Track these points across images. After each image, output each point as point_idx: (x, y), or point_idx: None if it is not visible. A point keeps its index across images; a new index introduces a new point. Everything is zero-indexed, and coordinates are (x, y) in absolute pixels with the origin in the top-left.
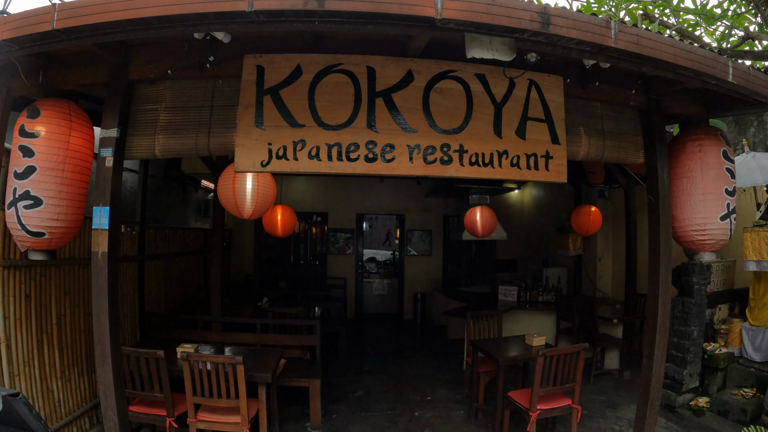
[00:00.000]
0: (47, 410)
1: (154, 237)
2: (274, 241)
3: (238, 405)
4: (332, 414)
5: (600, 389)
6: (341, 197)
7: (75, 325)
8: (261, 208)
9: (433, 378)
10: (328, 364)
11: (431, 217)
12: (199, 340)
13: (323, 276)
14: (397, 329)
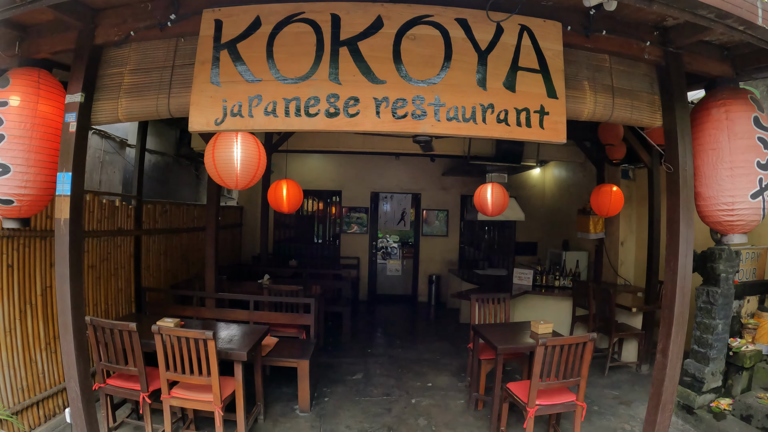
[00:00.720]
0: (29, 380)
1: (153, 212)
2: (287, 219)
3: (211, 383)
4: (324, 397)
5: (614, 383)
6: (355, 175)
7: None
8: (245, 177)
9: (437, 364)
10: (331, 345)
11: (448, 197)
12: (192, 316)
13: (336, 256)
14: (409, 311)
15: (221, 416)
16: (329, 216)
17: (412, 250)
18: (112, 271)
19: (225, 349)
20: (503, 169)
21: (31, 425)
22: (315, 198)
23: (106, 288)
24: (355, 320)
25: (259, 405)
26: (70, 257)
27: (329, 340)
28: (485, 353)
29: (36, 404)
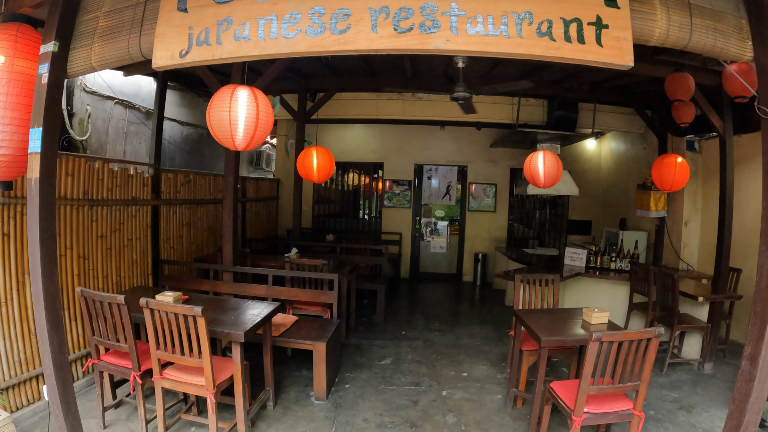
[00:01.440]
0: (28, 353)
1: (174, 181)
2: (328, 193)
3: (202, 365)
4: (346, 383)
5: (673, 383)
6: (398, 146)
7: (64, 268)
8: (244, 137)
9: (476, 350)
10: (364, 325)
11: (496, 170)
12: (208, 291)
13: (378, 231)
14: (452, 291)
15: (214, 403)
16: (371, 189)
17: (458, 226)
18: (125, 242)
19: (220, 329)
20: (556, 139)
21: (30, 399)
22: (356, 171)
23: (118, 259)
24: (394, 299)
25: (268, 390)
26: (40, 220)
27: (362, 319)
28: (528, 343)
29: (36, 378)
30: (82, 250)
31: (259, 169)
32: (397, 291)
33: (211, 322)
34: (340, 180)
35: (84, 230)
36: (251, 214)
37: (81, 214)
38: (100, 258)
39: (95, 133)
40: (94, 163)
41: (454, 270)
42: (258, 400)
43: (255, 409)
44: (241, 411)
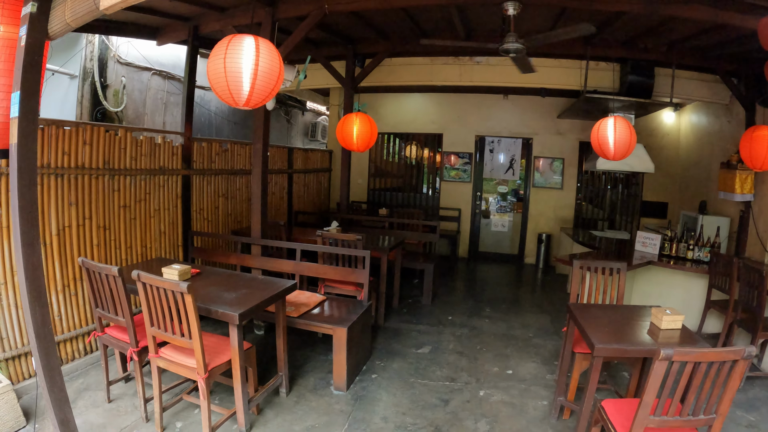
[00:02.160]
0: None
1: (208, 150)
2: (385, 166)
3: (192, 346)
4: (373, 373)
5: (750, 402)
6: (458, 117)
7: (83, 238)
8: (260, 92)
9: (527, 344)
10: (408, 307)
11: (564, 143)
12: (235, 264)
13: (436, 206)
14: (510, 274)
15: (205, 389)
16: (429, 163)
17: (521, 204)
18: (151, 212)
19: (216, 307)
20: (629, 108)
21: None
22: (414, 142)
23: (143, 230)
24: (447, 279)
25: (280, 376)
26: (19, 186)
27: (408, 301)
28: (582, 345)
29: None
30: (102, 221)
31: (315, 141)
32: (452, 271)
33: (212, 300)
34: (397, 152)
35: (105, 200)
36: (299, 186)
37: (101, 183)
38: (123, 228)
39: (132, 104)
40: (116, 132)
41: (515, 251)
42: (266, 387)
43: (262, 396)
44: (240, 398)
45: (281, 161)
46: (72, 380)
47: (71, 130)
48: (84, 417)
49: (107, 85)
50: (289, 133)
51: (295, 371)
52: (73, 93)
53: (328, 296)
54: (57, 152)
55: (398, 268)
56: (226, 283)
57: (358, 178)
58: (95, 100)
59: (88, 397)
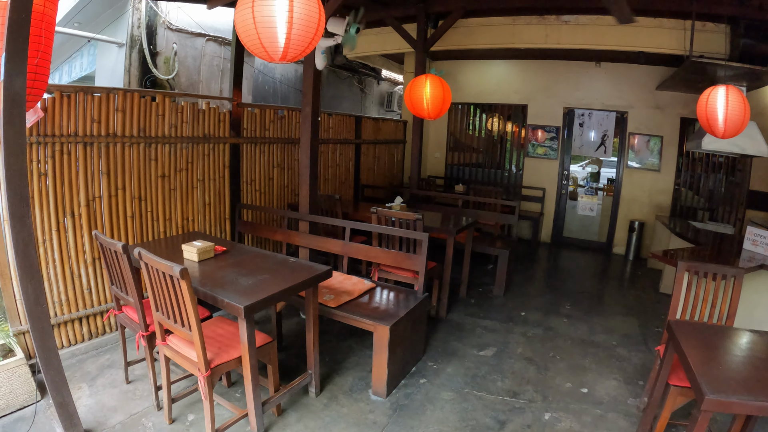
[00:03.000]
0: (69, 294)
1: (260, 118)
2: (465, 139)
3: (192, 339)
4: (423, 377)
5: None
6: (544, 86)
7: (115, 210)
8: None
9: (609, 354)
10: (476, 297)
11: (663, 119)
12: (281, 241)
13: (518, 184)
14: (597, 264)
15: (205, 388)
16: (512, 136)
17: (612, 186)
18: (194, 182)
19: (223, 295)
20: (740, 78)
21: (71, 340)
22: (496, 114)
23: (184, 202)
24: (524, 266)
25: (309, 374)
26: (5, 155)
27: (477, 290)
28: (680, 375)
29: (80, 320)
30: (137, 191)
31: (391, 112)
32: (532, 257)
33: (225, 285)
34: (478, 125)
35: (141, 170)
36: (368, 157)
37: (135, 152)
38: (161, 200)
39: (184, 71)
40: (153, 98)
41: (603, 238)
42: (289, 387)
43: (283, 396)
44: (252, 401)
45: (348, 131)
46: (99, 355)
47: (101, 96)
48: (98, 397)
49: (157, 52)
50: (363, 103)
51: (334, 366)
52: (121, 62)
53: (379, 284)
54: (85, 120)
55: (468, 253)
56: (251, 264)
57: (435, 152)
58: (144, 68)
59: (108, 375)
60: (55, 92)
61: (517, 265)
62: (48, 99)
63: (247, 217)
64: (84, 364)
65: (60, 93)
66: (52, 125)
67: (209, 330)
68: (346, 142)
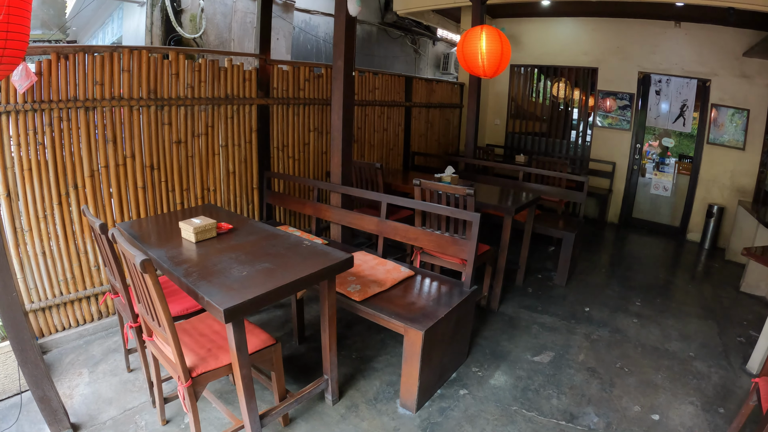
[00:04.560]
0: (75, 272)
1: (293, 76)
2: (529, 106)
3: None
4: (463, 387)
5: None
6: (617, 48)
7: (123, 180)
8: None
9: (685, 368)
10: (535, 286)
11: (750, 89)
12: (311, 215)
13: (585, 157)
14: (669, 252)
15: (185, 396)
16: (579, 104)
17: (690, 163)
18: (215, 149)
19: (205, 291)
20: None
21: (79, 320)
22: (562, 79)
23: (204, 170)
24: (590, 251)
25: (325, 380)
26: None
27: (537, 276)
28: None
29: (87, 298)
30: (149, 159)
31: (447, 75)
32: (599, 240)
33: (213, 276)
34: (542, 90)
35: (152, 136)
36: (420, 122)
37: (145, 116)
38: (176, 168)
39: (214, 29)
40: (165, 56)
41: (677, 222)
42: (299, 395)
43: (290, 406)
44: (246, 413)
45: (397, 92)
46: (108, 337)
47: (104, 56)
48: (97, 386)
49: (181, 10)
50: (417, 65)
51: (361, 366)
52: (143, 22)
53: (420, 271)
54: (86, 83)
55: (528, 234)
56: (254, 248)
57: (496, 119)
58: (168, 28)
59: (112, 361)
60: (52, 54)
61: (581, 249)
62: (44, 61)
63: (277, 188)
64: (90, 347)
65: (57, 54)
66: (48, 90)
67: (197, 328)
68: (394, 104)
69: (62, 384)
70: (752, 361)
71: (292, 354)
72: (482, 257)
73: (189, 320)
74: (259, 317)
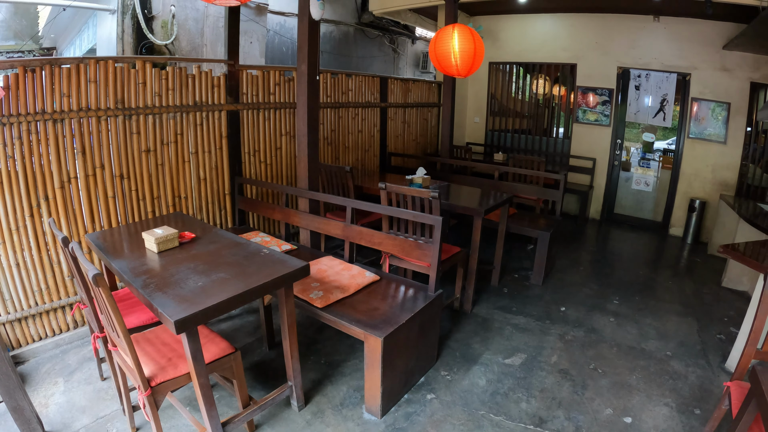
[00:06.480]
0: (49, 282)
1: (263, 81)
2: (508, 102)
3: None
4: (430, 391)
5: None
6: (596, 43)
7: (94, 191)
8: None
9: (660, 368)
10: (510, 287)
11: (731, 83)
12: (280, 220)
13: (566, 153)
14: (651, 248)
15: (147, 406)
16: (560, 100)
17: (671, 158)
18: (185, 156)
19: (159, 302)
20: None
21: (55, 330)
22: (542, 76)
23: (174, 178)
24: (569, 248)
25: (289, 386)
26: None
27: (513, 276)
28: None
29: (62, 308)
30: (119, 168)
31: (427, 73)
32: (578, 236)
33: (169, 287)
34: (521, 87)
35: (121, 145)
36: (396, 123)
37: (113, 126)
38: (146, 176)
39: (186, 35)
40: (132, 65)
41: (659, 217)
42: (261, 402)
43: (253, 413)
44: (207, 422)
45: (372, 93)
46: (83, 345)
47: (71, 68)
48: (71, 394)
49: (152, 16)
50: (396, 64)
51: (329, 371)
52: (115, 29)
53: (386, 276)
54: (54, 95)
55: (502, 234)
56: (213, 257)
57: (475, 116)
58: (140, 35)
59: (87, 370)
60: (18, 67)
61: (560, 247)
62: (11, 75)
63: (249, 193)
64: (66, 356)
65: (23, 68)
66: (17, 104)
67: (160, 337)
68: (369, 105)
69: (38, 393)
70: (731, 360)
71: (262, 360)
72: (452, 259)
73: (152, 330)
74: (231, 323)
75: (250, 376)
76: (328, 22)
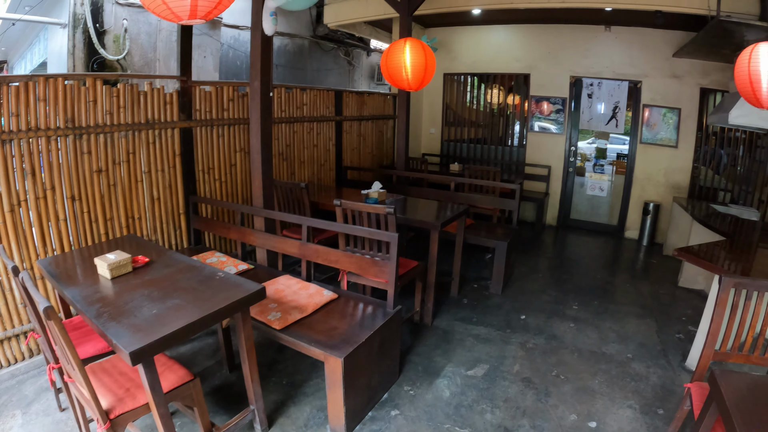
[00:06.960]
0: (2, 310)
1: (217, 97)
2: (463, 112)
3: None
4: (394, 408)
5: None
6: (549, 54)
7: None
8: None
9: (622, 371)
10: (470, 297)
11: (681, 89)
12: (236, 239)
13: (521, 162)
14: (608, 251)
15: None
16: (514, 109)
17: (625, 162)
18: (137, 175)
19: (113, 333)
20: None
21: (10, 360)
22: (496, 86)
23: (127, 198)
24: (528, 255)
25: (251, 410)
26: None
27: (473, 286)
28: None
29: (16, 337)
30: (70, 190)
31: (382, 85)
32: (536, 243)
33: (122, 315)
34: (475, 97)
35: (72, 166)
36: (352, 136)
37: (63, 146)
38: (99, 197)
39: (138, 49)
40: (82, 82)
41: (614, 221)
42: (226, 427)
43: None
44: None
45: (326, 106)
46: (41, 375)
47: (19, 86)
48: (29, 428)
49: (104, 31)
50: (351, 76)
51: (291, 391)
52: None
53: (344, 294)
54: (2, 114)
55: (459, 246)
56: (168, 282)
57: (431, 127)
58: (91, 49)
59: (44, 401)
60: None
61: (519, 255)
62: None
63: (204, 212)
64: (23, 386)
65: None
66: None
67: (117, 366)
68: (324, 119)
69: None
70: (691, 358)
71: (223, 383)
72: (411, 273)
73: (109, 359)
74: (190, 346)
75: (211, 401)
76: (282, 35)
